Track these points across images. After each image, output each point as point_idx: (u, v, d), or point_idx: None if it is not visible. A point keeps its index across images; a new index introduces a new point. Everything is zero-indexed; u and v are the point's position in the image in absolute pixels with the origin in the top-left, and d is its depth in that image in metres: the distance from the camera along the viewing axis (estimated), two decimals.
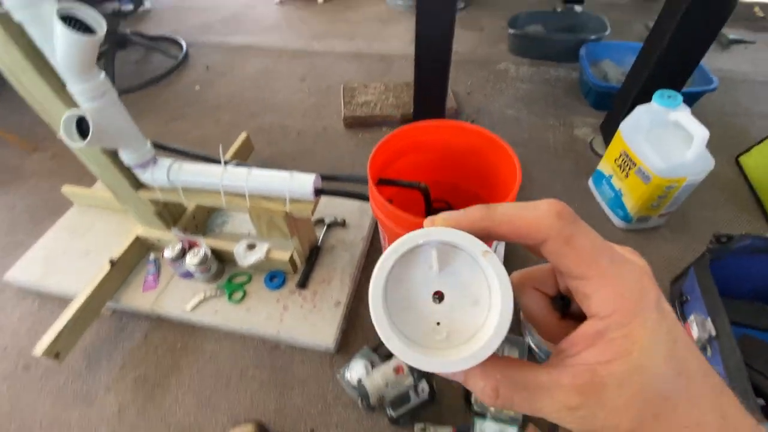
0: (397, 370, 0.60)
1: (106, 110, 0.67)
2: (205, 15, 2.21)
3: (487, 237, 0.18)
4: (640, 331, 0.16)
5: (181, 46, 1.88)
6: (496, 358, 0.18)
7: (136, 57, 1.90)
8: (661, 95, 0.90)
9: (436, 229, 0.18)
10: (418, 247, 0.18)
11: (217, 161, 0.80)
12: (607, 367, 0.16)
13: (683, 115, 0.86)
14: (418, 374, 0.60)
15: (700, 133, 0.82)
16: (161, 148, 0.83)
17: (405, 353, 0.17)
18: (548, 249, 0.17)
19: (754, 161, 1.16)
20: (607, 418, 0.16)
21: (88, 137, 0.63)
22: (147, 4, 2.34)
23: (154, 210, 0.88)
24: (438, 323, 0.19)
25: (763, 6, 1.98)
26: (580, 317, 0.18)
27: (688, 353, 0.16)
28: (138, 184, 0.84)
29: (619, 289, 0.16)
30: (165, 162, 0.79)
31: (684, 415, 0.16)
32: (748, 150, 1.19)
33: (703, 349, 0.72)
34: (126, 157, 0.76)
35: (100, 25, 0.58)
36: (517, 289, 0.21)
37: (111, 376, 0.84)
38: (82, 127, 0.67)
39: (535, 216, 0.17)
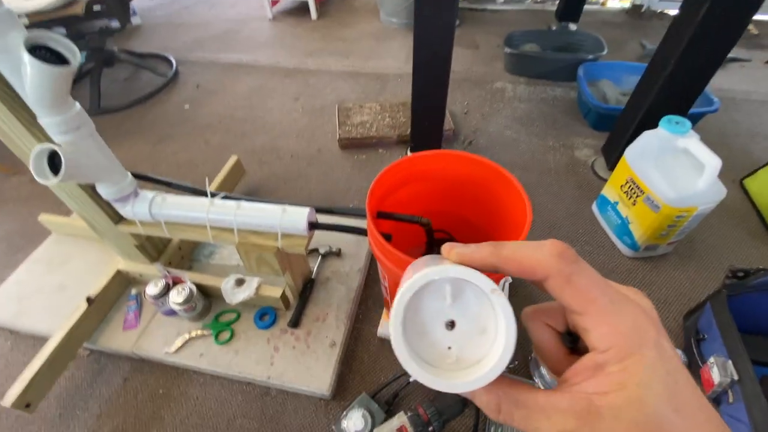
0: (401, 431, 0.55)
1: (81, 144, 0.62)
2: (196, 32, 2.18)
3: (494, 271, 0.20)
4: (637, 367, 0.17)
5: (170, 64, 1.84)
6: (500, 378, 0.20)
7: (124, 75, 1.85)
8: (668, 121, 0.87)
9: (450, 267, 0.20)
10: (434, 282, 0.20)
11: (203, 192, 0.75)
12: (604, 398, 0.17)
13: (693, 142, 0.83)
14: None
15: (712, 163, 0.79)
16: (143, 179, 0.78)
17: (420, 374, 0.19)
18: (550, 285, 0.19)
19: (760, 184, 1.13)
20: None
21: (60, 173, 0.58)
22: (136, 21, 2.31)
23: (136, 243, 0.82)
24: (449, 348, 0.21)
25: (757, 23, 2.00)
26: (587, 353, 0.19)
27: (689, 393, 0.17)
28: (118, 218, 0.78)
29: (617, 327, 0.17)
30: (147, 195, 0.73)
31: None
32: (753, 173, 1.16)
33: (725, 393, 0.67)
34: (104, 191, 0.70)
35: (74, 55, 0.53)
36: (529, 323, 0.23)
37: (86, 427, 0.77)
38: (54, 161, 0.61)
39: (538, 256, 0.19)
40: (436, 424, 0.56)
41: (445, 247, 0.21)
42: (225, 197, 0.73)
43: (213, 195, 0.73)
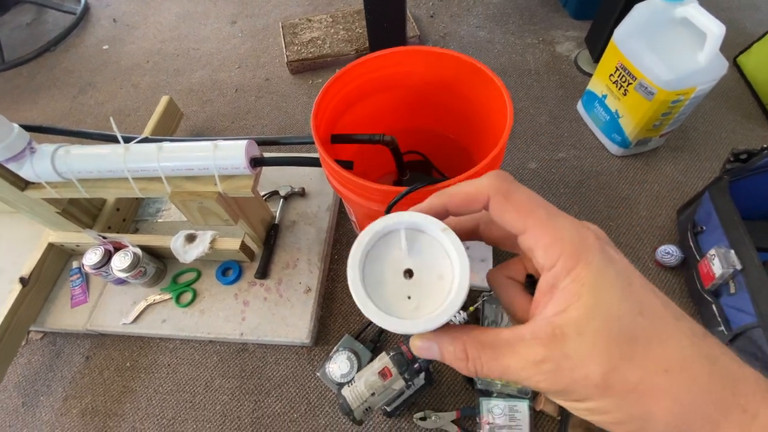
0: (384, 374, 0.49)
1: None
2: None
3: (446, 214, 0.21)
4: (585, 272, 0.16)
5: None
6: (464, 326, 0.20)
7: (25, 19, 1.55)
8: None
9: (404, 213, 0.21)
10: (389, 232, 0.22)
11: (127, 138, 0.61)
12: (563, 315, 0.16)
13: (693, 8, 0.70)
14: (411, 373, 0.50)
15: (715, 30, 0.67)
16: (39, 131, 0.63)
17: (378, 315, 0.19)
18: (492, 207, 0.19)
19: (755, 61, 1.03)
20: (574, 369, 0.15)
21: None
22: None
23: (57, 210, 0.70)
24: (409, 297, 0.20)
25: None
26: None
27: (649, 295, 0.16)
28: (24, 183, 0.65)
29: (558, 235, 0.17)
30: (46, 150, 0.59)
31: (661, 357, 0.15)
32: (747, 48, 1.05)
33: (725, 285, 0.64)
34: None
35: None
36: (492, 283, 0.23)
37: (54, 411, 0.71)
38: None
39: (479, 182, 0.19)
40: (421, 361, 0.51)
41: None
42: (143, 140, 0.60)
43: (127, 140, 0.59)
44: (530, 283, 0.22)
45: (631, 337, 0.15)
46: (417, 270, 0.21)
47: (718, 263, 0.62)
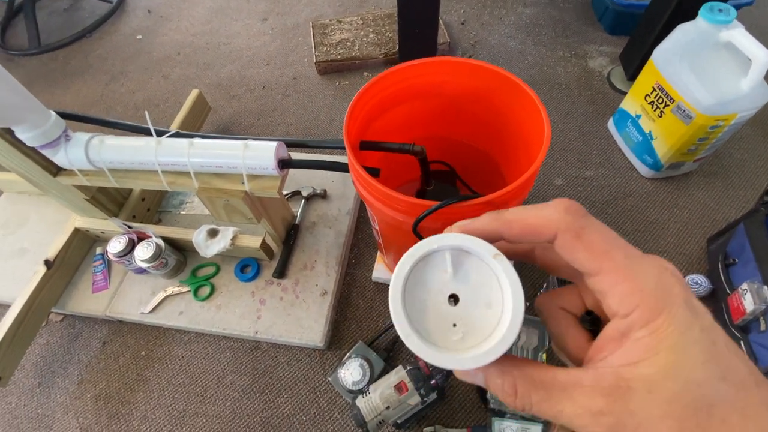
0: (400, 388, 0.49)
1: None
2: None
3: (498, 239, 0.19)
4: (667, 329, 0.15)
5: None
6: (514, 358, 0.18)
7: (62, 4, 1.59)
8: (710, 9, 0.71)
9: (450, 235, 0.20)
10: (433, 253, 0.20)
11: (148, 131, 0.62)
12: (633, 369, 0.15)
13: (739, 33, 0.68)
14: (427, 389, 0.49)
15: (761, 57, 0.65)
16: (74, 119, 0.65)
17: (423, 350, 0.18)
18: (560, 245, 0.17)
19: None
20: (639, 428, 0.14)
21: None
22: None
23: (86, 197, 0.71)
24: (454, 325, 0.19)
25: None
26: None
27: (734, 358, 0.14)
28: (56, 169, 0.66)
29: (638, 283, 0.16)
30: (81, 138, 0.60)
31: (738, 430, 0.13)
32: None
33: (755, 321, 0.61)
34: (25, 136, 0.57)
35: None
36: (543, 311, 0.21)
37: (68, 394, 0.73)
38: None
39: (544, 213, 0.18)
40: (439, 377, 0.50)
41: (446, 229, 0.21)
42: (175, 135, 0.60)
43: (160, 133, 0.60)
44: (588, 320, 0.20)
45: (711, 404, 0.14)
46: (463, 296, 0.20)
47: (749, 298, 0.60)
